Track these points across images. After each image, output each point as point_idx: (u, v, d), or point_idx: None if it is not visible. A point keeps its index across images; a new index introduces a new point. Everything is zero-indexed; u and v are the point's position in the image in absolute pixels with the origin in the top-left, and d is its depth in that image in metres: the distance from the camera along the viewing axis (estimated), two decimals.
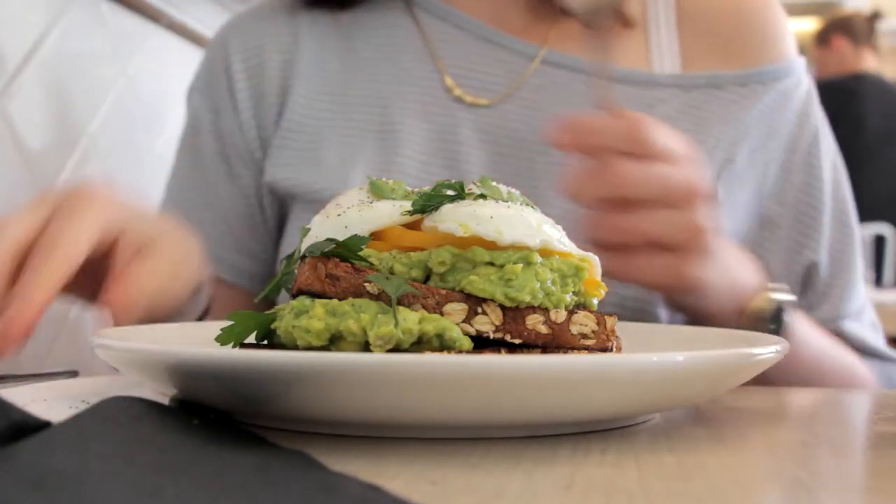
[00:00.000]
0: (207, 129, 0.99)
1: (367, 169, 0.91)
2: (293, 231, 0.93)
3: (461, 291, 0.50)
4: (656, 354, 0.45)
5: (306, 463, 0.37)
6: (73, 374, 0.67)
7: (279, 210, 0.97)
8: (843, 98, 3.06)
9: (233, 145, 0.97)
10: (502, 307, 0.50)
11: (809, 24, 4.00)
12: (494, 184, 0.57)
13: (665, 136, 0.71)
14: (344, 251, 0.51)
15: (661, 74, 0.96)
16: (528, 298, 0.50)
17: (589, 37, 0.73)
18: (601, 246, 0.70)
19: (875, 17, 3.55)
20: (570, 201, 0.74)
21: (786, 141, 0.95)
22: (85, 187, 0.66)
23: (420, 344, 0.48)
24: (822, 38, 3.51)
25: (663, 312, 0.87)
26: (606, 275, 0.71)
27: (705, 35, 0.98)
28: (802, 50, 1.02)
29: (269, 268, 0.98)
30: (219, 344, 0.53)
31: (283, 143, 0.94)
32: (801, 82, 0.99)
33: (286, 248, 0.94)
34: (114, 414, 0.40)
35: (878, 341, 0.95)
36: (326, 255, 0.51)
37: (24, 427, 0.38)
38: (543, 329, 0.51)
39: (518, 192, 0.58)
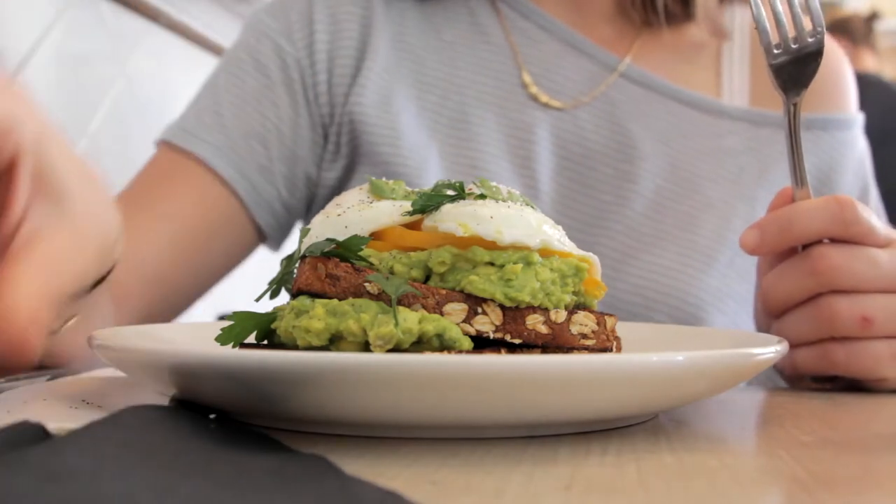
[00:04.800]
0: (270, 48, 0.95)
1: (443, 160, 0.90)
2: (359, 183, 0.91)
3: (461, 291, 0.50)
4: (656, 354, 0.45)
5: (323, 467, 0.37)
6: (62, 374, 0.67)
7: (346, 163, 0.94)
8: None
9: (298, 75, 0.94)
10: (502, 307, 0.50)
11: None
12: (494, 184, 0.57)
13: (870, 215, 0.67)
14: (344, 251, 0.51)
15: (732, 106, 0.97)
16: (528, 298, 0.50)
17: (786, 113, 0.70)
18: (815, 341, 0.68)
19: (873, 17, 3.55)
20: (766, 306, 0.70)
21: (839, 191, 0.96)
22: None
23: (420, 344, 0.48)
24: None
25: (714, 319, 0.87)
26: (831, 365, 0.68)
27: None
28: None
29: (287, 211, 0.95)
30: (219, 344, 0.53)
31: (360, 100, 0.92)
32: (859, 138, 1.01)
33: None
34: (127, 420, 0.40)
35: None
36: (326, 255, 0.51)
37: (23, 431, 0.38)
38: (543, 329, 0.51)
39: (518, 192, 0.58)
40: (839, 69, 1.02)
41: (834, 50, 1.03)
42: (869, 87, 3.21)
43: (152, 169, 0.95)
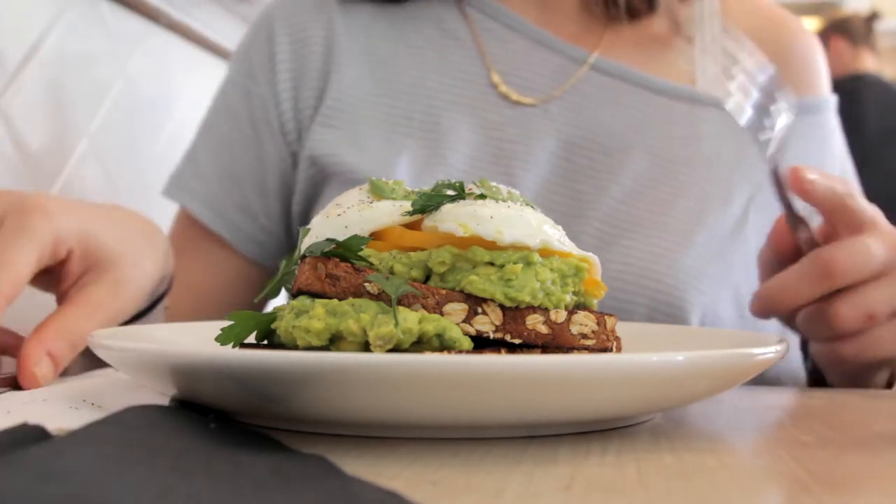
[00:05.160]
0: (238, 92, 1.00)
1: (414, 160, 0.92)
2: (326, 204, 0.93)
3: (461, 291, 0.50)
4: (656, 354, 0.45)
5: (323, 467, 0.37)
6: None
7: (312, 183, 0.96)
8: (842, 99, 3.06)
9: (262, 112, 0.98)
10: (502, 307, 0.50)
11: (809, 25, 4.01)
12: (494, 184, 0.57)
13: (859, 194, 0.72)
14: (344, 251, 0.51)
15: (704, 93, 0.98)
16: (528, 298, 0.50)
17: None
18: (831, 338, 0.71)
19: (873, 17, 3.55)
20: (766, 313, 0.73)
21: None
22: (30, 200, 0.62)
23: (420, 344, 0.48)
24: (821, 39, 3.51)
25: (692, 298, 0.88)
26: (841, 360, 0.71)
27: None
28: None
29: (271, 237, 0.99)
30: (219, 344, 0.53)
31: (326, 122, 0.95)
32: (832, 120, 1.02)
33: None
34: (129, 420, 0.40)
35: None
36: (326, 255, 0.51)
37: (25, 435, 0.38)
38: (543, 329, 0.51)
39: (518, 193, 0.58)
40: (809, 53, 1.03)
41: (804, 33, 1.04)
42: (869, 86, 3.21)
43: (172, 228, 1.02)
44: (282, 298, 1.09)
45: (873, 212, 0.72)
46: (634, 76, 0.97)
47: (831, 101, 1.03)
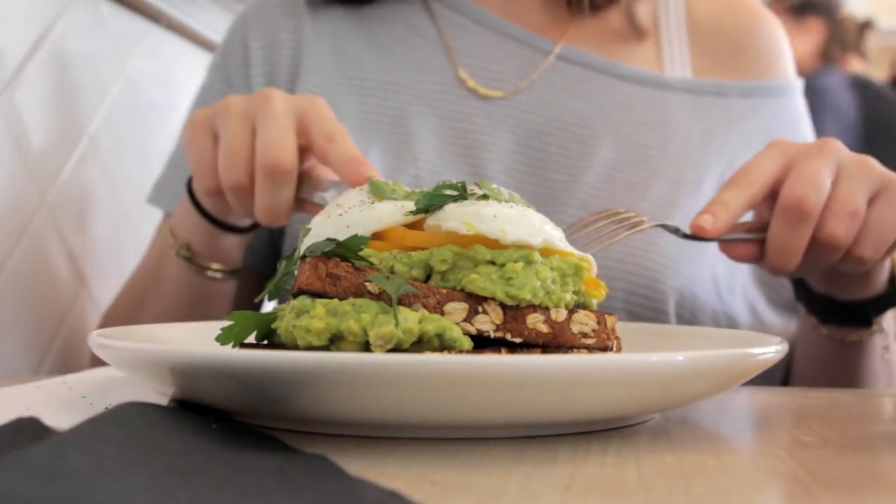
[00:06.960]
0: (216, 97, 0.99)
1: (384, 155, 0.92)
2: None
3: (462, 290, 0.50)
4: (656, 354, 0.45)
5: (325, 467, 0.37)
6: None
7: None
8: (835, 99, 3.06)
9: None
10: (503, 306, 0.50)
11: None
12: (494, 186, 0.57)
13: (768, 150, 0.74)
14: (344, 251, 0.51)
15: (671, 78, 0.99)
16: (528, 297, 0.50)
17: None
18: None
19: (866, 25, 3.53)
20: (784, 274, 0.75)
21: None
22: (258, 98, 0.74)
23: (420, 344, 0.48)
24: (798, 13, 3.43)
25: (671, 280, 0.88)
26: (863, 264, 0.73)
27: (714, 46, 1.02)
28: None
29: (258, 238, 0.98)
30: (219, 344, 0.53)
31: None
32: (800, 103, 1.03)
33: (294, 224, 0.94)
34: (129, 419, 0.40)
35: None
36: (327, 255, 0.51)
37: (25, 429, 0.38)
38: (544, 328, 0.51)
39: (518, 195, 0.58)
40: (775, 37, 1.04)
41: (768, 18, 1.05)
42: (858, 88, 3.21)
43: (155, 236, 1.00)
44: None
45: (773, 151, 0.73)
46: (600, 64, 0.98)
47: (797, 84, 1.04)
